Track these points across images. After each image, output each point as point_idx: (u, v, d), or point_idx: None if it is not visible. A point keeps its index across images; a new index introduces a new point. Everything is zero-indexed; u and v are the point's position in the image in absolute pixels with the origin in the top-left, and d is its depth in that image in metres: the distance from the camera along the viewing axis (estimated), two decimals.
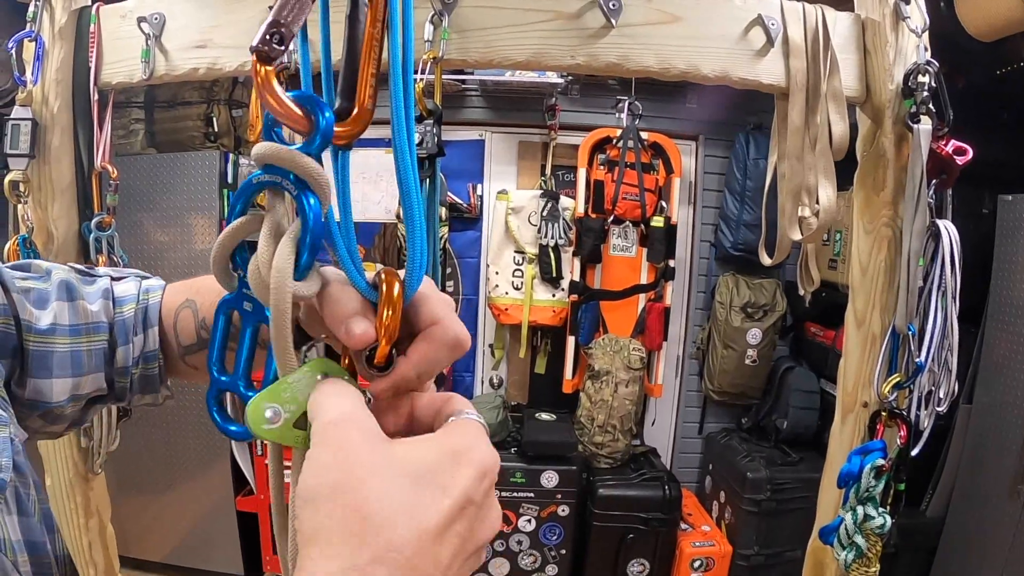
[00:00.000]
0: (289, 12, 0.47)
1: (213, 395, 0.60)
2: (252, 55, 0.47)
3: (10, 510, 0.64)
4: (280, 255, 0.48)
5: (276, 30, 0.46)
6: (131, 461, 3.44)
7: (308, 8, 0.48)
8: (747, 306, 3.88)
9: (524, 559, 3.62)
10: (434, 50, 1.33)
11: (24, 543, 0.65)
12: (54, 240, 1.60)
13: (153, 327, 0.86)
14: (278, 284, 0.48)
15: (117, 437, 1.77)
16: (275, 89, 0.47)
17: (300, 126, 0.48)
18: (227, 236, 0.53)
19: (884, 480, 1.39)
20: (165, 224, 3.59)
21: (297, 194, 0.50)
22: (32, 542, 0.67)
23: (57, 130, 1.56)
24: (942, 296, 1.39)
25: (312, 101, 0.48)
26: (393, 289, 0.52)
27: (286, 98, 0.47)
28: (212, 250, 0.54)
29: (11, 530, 0.64)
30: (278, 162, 0.49)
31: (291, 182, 0.49)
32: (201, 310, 0.84)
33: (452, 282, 4.15)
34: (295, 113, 0.48)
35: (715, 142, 4.11)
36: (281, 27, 0.47)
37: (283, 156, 0.49)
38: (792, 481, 3.49)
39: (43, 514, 0.70)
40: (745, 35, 1.41)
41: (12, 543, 0.63)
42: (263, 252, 0.49)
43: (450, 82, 3.69)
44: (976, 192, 3.13)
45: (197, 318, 0.84)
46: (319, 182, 0.49)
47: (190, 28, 1.46)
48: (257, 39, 0.46)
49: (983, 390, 2.91)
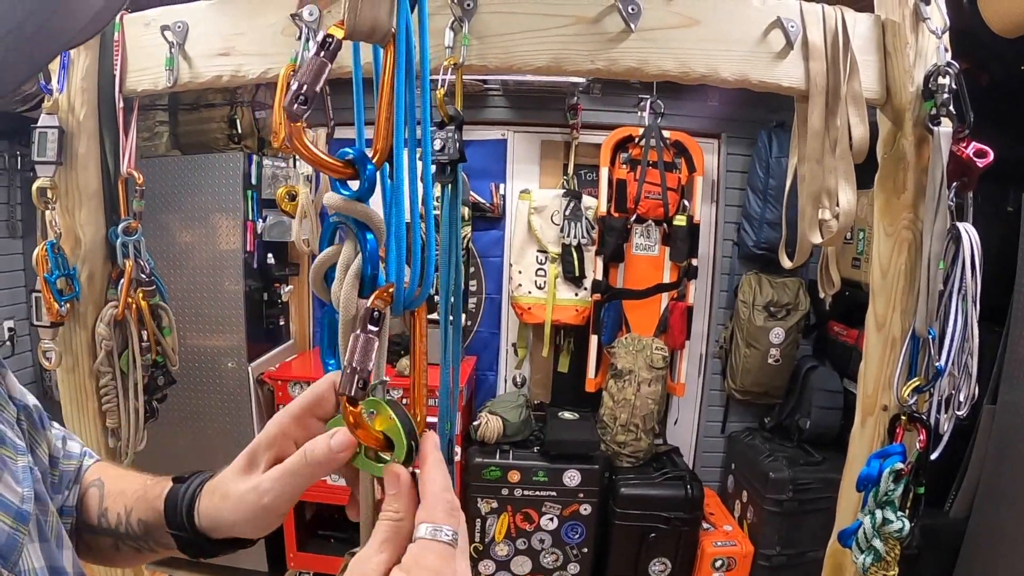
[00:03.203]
0: (309, 77, 0.57)
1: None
2: (283, 115, 0.58)
3: (32, 538, 0.66)
4: (346, 286, 0.65)
5: (300, 93, 0.57)
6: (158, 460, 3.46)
7: (326, 71, 0.58)
8: (770, 305, 3.86)
9: (546, 557, 3.63)
10: (454, 56, 1.34)
11: (48, 569, 0.67)
12: (81, 245, 1.64)
13: (78, 485, 0.89)
14: (346, 306, 0.64)
15: (144, 437, 1.80)
16: (307, 146, 0.59)
17: (334, 173, 0.64)
18: (319, 264, 0.68)
19: (903, 484, 1.38)
20: (190, 225, 3.64)
21: (356, 232, 0.65)
22: (53, 568, 0.69)
23: (83, 137, 1.59)
24: (962, 299, 1.38)
25: (357, 158, 0.63)
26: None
27: (317, 151, 0.61)
28: (310, 273, 0.70)
29: (35, 558, 0.66)
30: (340, 210, 0.64)
31: (352, 223, 0.65)
32: (106, 499, 0.86)
33: (475, 281, 4.18)
34: (330, 164, 0.63)
35: (737, 140, 4.10)
36: (303, 91, 0.57)
37: (341, 205, 0.64)
38: (815, 481, 3.47)
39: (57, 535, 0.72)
40: (764, 38, 1.41)
41: (36, 571, 0.65)
42: (336, 281, 0.66)
43: (472, 82, 3.70)
44: (1001, 190, 3.09)
45: (100, 505, 0.86)
46: (374, 222, 0.65)
47: (213, 36, 1.49)
48: (286, 102, 0.57)
49: (1007, 390, 2.88)
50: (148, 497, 0.83)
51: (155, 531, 0.81)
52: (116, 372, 1.70)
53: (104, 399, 1.70)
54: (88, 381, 1.70)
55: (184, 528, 0.77)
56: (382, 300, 0.63)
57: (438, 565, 0.56)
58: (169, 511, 0.78)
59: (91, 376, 1.69)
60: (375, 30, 0.62)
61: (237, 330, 3.65)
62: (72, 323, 1.66)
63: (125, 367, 1.72)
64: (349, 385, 0.60)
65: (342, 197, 0.64)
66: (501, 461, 3.54)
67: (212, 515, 0.75)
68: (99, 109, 1.60)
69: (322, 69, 0.58)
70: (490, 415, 3.64)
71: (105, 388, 1.70)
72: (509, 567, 3.65)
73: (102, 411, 1.71)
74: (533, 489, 3.54)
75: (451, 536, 0.58)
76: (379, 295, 0.63)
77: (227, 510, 0.73)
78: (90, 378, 1.69)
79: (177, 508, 0.78)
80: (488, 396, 4.19)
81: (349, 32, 0.61)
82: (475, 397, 4.20)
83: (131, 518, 0.83)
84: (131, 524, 0.83)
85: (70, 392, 1.71)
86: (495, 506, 3.55)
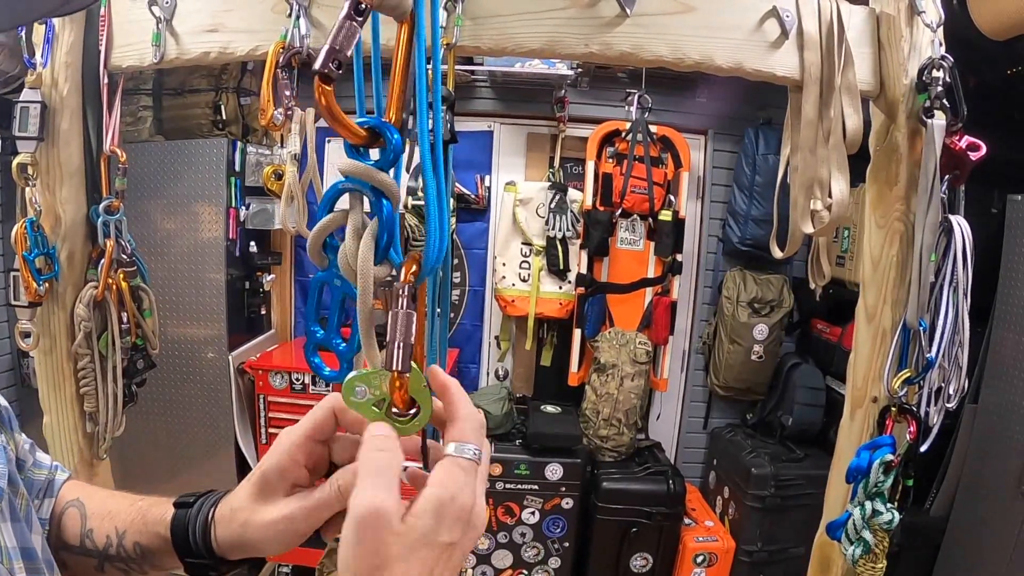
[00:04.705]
0: (343, 39, 0.58)
1: (312, 347, 0.77)
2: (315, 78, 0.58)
3: (4, 517, 0.67)
4: (364, 247, 0.64)
5: (334, 55, 0.57)
6: (136, 449, 3.44)
7: (357, 35, 0.59)
8: (754, 301, 3.87)
9: (527, 551, 3.62)
10: (447, 36, 1.32)
11: (19, 550, 0.68)
12: (62, 224, 1.60)
13: (52, 498, 0.89)
14: (364, 269, 0.64)
15: (123, 423, 1.77)
16: (338, 109, 0.59)
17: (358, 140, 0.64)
18: (320, 230, 0.68)
19: (893, 476, 1.38)
20: (172, 212, 3.58)
21: (374, 200, 0.66)
22: (25, 548, 0.69)
23: (66, 113, 1.56)
24: (953, 292, 1.39)
25: (383, 126, 0.65)
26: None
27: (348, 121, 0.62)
28: (308, 240, 0.70)
29: (7, 536, 0.66)
30: (361, 176, 0.65)
31: (369, 190, 0.65)
32: (91, 519, 0.86)
33: (459, 273, 4.16)
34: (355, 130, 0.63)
35: (724, 136, 4.10)
36: (337, 53, 0.57)
37: (363, 172, 0.65)
38: (796, 477, 3.48)
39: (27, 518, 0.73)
40: (760, 26, 1.41)
41: (8, 550, 0.66)
42: (350, 245, 0.65)
43: (459, 72, 3.68)
44: (985, 191, 3.11)
45: (84, 525, 0.86)
46: (392, 191, 0.66)
47: (202, 12, 1.46)
48: (319, 64, 0.57)
49: (989, 390, 2.90)
50: (147, 521, 0.83)
51: (155, 555, 0.82)
52: (95, 354, 1.67)
53: (82, 382, 1.67)
54: (66, 363, 1.66)
55: (201, 555, 0.77)
56: (414, 275, 0.65)
57: (460, 479, 0.60)
58: (178, 538, 0.79)
59: (69, 358, 1.66)
60: (401, 3, 0.66)
61: (218, 319, 3.60)
62: (51, 303, 1.63)
63: (104, 349, 1.69)
64: (399, 360, 0.62)
65: (362, 163, 0.65)
66: None
67: (232, 542, 0.76)
68: (83, 85, 1.57)
69: (354, 32, 0.58)
70: None
71: (83, 371, 1.67)
72: (490, 561, 3.63)
73: (80, 394, 1.68)
74: (515, 482, 3.52)
75: (475, 454, 0.62)
76: (408, 269, 0.65)
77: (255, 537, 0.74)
78: (68, 360, 1.66)
79: (189, 536, 0.78)
80: (470, 389, 4.15)
81: (377, 4, 0.63)
82: None
83: (124, 540, 0.83)
84: (124, 547, 0.83)
85: (47, 375, 1.67)
86: None
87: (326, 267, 0.71)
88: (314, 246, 0.70)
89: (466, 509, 0.59)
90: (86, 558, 0.84)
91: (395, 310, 0.63)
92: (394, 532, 0.56)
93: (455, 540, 0.58)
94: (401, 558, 0.56)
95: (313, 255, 0.71)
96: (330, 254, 0.70)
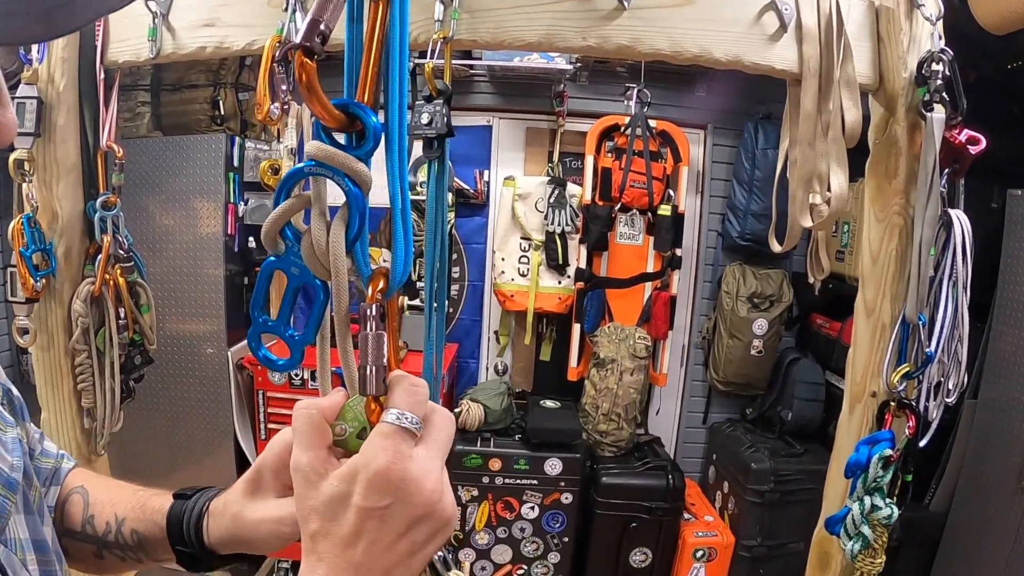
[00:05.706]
0: (327, 11, 0.55)
1: (256, 335, 0.73)
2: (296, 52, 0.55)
3: (19, 509, 0.67)
4: (335, 234, 0.62)
5: (317, 28, 0.55)
6: (136, 445, 3.44)
7: (341, 8, 0.57)
8: (753, 296, 3.87)
9: (527, 546, 3.62)
10: (444, 30, 1.31)
11: (32, 542, 0.69)
12: (59, 219, 1.60)
13: (57, 486, 0.90)
14: (336, 255, 0.62)
15: (120, 418, 1.77)
16: (320, 93, 0.57)
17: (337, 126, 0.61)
18: (279, 215, 0.65)
19: (892, 470, 1.38)
20: (170, 207, 3.58)
21: (347, 188, 0.62)
22: (37, 540, 0.70)
23: (63, 109, 1.56)
24: (953, 286, 1.38)
25: (360, 109, 0.61)
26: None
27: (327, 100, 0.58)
28: (264, 225, 0.66)
29: (21, 529, 0.67)
30: (333, 162, 0.61)
31: (341, 177, 0.62)
32: (93, 506, 0.87)
33: (458, 268, 4.15)
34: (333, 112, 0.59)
35: (724, 131, 4.09)
36: (321, 24, 0.55)
37: (336, 158, 0.61)
38: (796, 473, 3.48)
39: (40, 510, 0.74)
40: (758, 19, 1.40)
41: (21, 541, 0.66)
42: (317, 231, 0.63)
43: (458, 67, 3.67)
44: (985, 187, 3.09)
45: (86, 512, 0.87)
46: (363, 178, 0.62)
47: (198, 6, 1.45)
48: (301, 36, 0.54)
49: (989, 386, 2.89)
50: (146, 510, 0.84)
51: (151, 544, 0.83)
52: (92, 350, 1.67)
53: (80, 378, 1.67)
54: (63, 359, 1.66)
55: (192, 545, 0.79)
56: (381, 292, 0.64)
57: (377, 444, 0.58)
58: (173, 528, 0.80)
59: (66, 354, 1.66)
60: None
61: (217, 315, 3.60)
62: (48, 299, 1.63)
63: (101, 345, 1.68)
64: (374, 384, 0.61)
65: (338, 150, 0.61)
66: (482, 449, 3.52)
67: (222, 536, 0.77)
68: (79, 81, 1.57)
69: (339, 5, 0.56)
70: (471, 403, 3.61)
71: (81, 367, 1.66)
72: (489, 556, 3.63)
73: (77, 390, 1.67)
74: (514, 477, 3.52)
75: (397, 418, 0.59)
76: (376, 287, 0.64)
77: (244, 533, 0.75)
78: (65, 356, 1.66)
79: (183, 526, 0.80)
80: (469, 384, 4.17)
81: None
82: (456, 385, 4.17)
83: (123, 528, 0.84)
84: (123, 534, 0.84)
85: (45, 371, 1.67)
86: (476, 494, 3.53)
87: (282, 253, 0.68)
88: (270, 233, 0.67)
89: (383, 475, 0.56)
90: (86, 544, 0.85)
91: (364, 332, 0.61)
92: (312, 486, 0.58)
93: (376, 505, 0.56)
94: (318, 513, 0.58)
95: (268, 242, 0.68)
96: (286, 239, 0.68)
